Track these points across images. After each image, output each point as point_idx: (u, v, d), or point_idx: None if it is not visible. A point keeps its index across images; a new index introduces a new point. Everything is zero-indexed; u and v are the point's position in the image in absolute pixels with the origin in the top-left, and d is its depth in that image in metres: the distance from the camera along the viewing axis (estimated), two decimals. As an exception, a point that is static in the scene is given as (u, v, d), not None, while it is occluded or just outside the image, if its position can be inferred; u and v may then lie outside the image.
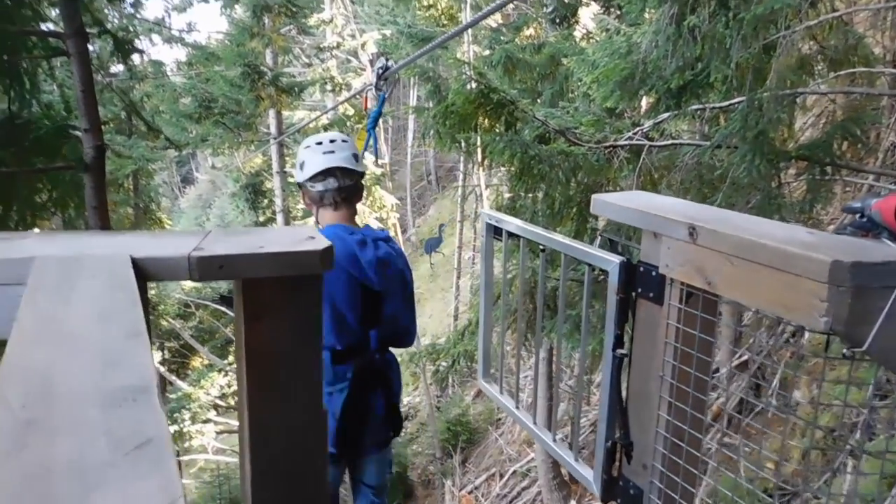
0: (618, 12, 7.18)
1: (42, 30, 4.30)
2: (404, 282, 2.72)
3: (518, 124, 4.90)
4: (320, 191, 2.62)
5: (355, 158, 2.68)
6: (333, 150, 2.62)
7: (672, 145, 4.55)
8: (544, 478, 8.78)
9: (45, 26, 4.46)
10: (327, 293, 2.38)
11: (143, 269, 1.05)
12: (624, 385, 1.70)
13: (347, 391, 2.59)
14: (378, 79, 3.17)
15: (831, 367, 4.16)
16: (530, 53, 8.39)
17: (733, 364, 5.72)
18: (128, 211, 12.71)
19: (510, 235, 2.12)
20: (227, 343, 16.50)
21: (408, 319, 2.79)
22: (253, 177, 16.06)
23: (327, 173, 2.60)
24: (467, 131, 4.90)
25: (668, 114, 4.58)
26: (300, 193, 2.80)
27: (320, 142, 2.66)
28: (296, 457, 1.23)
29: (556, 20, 8.80)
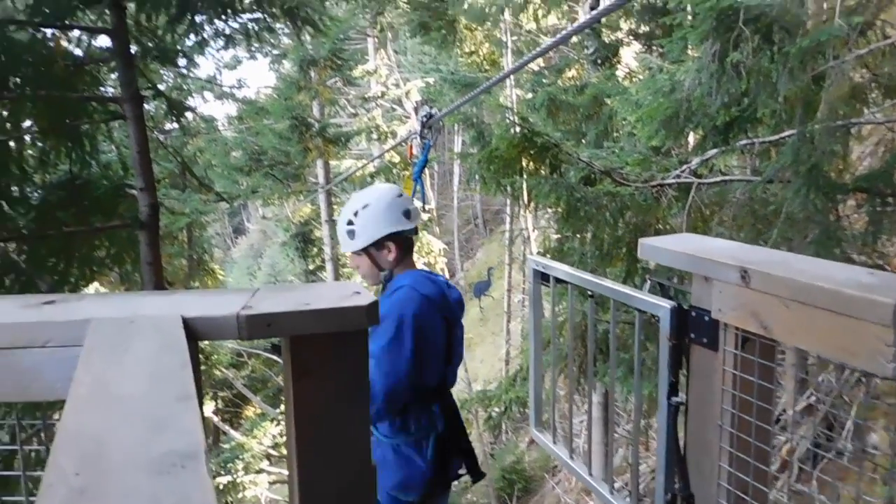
0: (660, 50, 7.19)
1: (101, 95, 4.52)
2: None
3: (563, 166, 4.90)
4: (405, 235, 2.65)
5: None
6: (401, 193, 2.71)
7: (722, 181, 4.48)
8: (605, 528, 8.48)
9: (103, 90, 4.69)
10: (422, 332, 2.43)
11: (193, 328, 1.07)
12: (682, 434, 1.64)
13: (443, 428, 2.62)
14: (422, 127, 3.19)
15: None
16: (573, 95, 8.44)
17: (799, 408, 5.47)
18: (182, 263, 13.06)
19: (557, 281, 2.10)
20: (278, 392, 16.60)
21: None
22: (302, 226, 16.38)
23: (408, 215, 2.65)
24: (512, 175, 4.92)
25: (715, 150, 4.52)
26: (358, 257, 2.66)
27: (387, 198, 2.67)
28: (345, 515, 1.22)
29: (598, 61, 8.85)
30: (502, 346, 16.18)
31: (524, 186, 4.94)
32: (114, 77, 5.10)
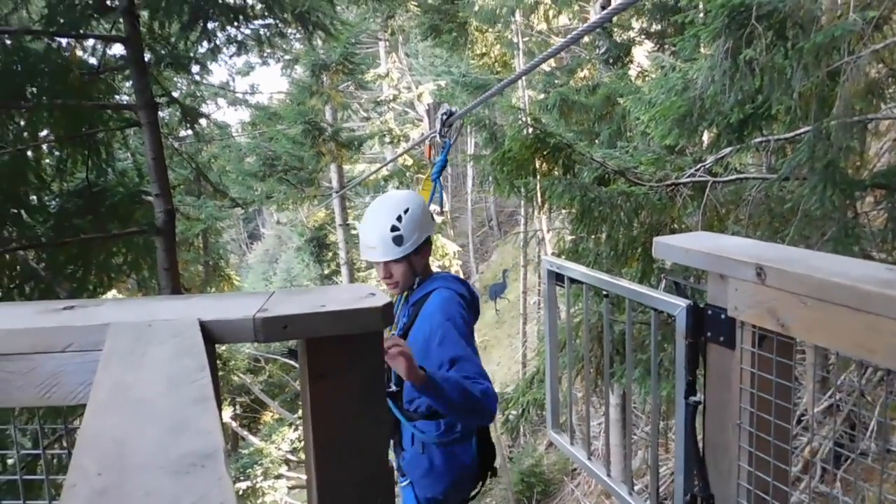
0: (672, 49, 7.15)
1: (116, 103, 4.58)
2: None
3: (576, 167, 4.88)
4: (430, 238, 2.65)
5: None
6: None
7: (737, 180, 4.44)
8: (623, 530, 8.42)
9: (118, 98, 4.75)
10: (468, 328, 2.44)
11: (210, 331, 1.08)
12: (700, 434, 1.63)
13: (482, 429, 2.64)
14: (442, 125, 3.08)
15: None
16: (585, 95, 8.42)
17: (820, 408, 5.41)
18: (198, 269, 13.16)
19: (573, 281, 2.10)
20: (296, 397, 16.67)
21: None
22: (317, 230, 16.48)
23: (432, 217, 2.67)
24: (525, 177, 4.91)
25: (730, 148, 4.48)
26: (395, 264, 2.55)
27: (420, 201, 2.66)
28: (363, 517, 1.22)
29: (610, 60, 8.83)
30: (518, 349, 16.14)
31: (538, 187, 4.92)
32: (128, 85, 5.17)
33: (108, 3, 4.24)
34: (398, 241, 2.46)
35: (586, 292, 2.07)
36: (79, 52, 4.44)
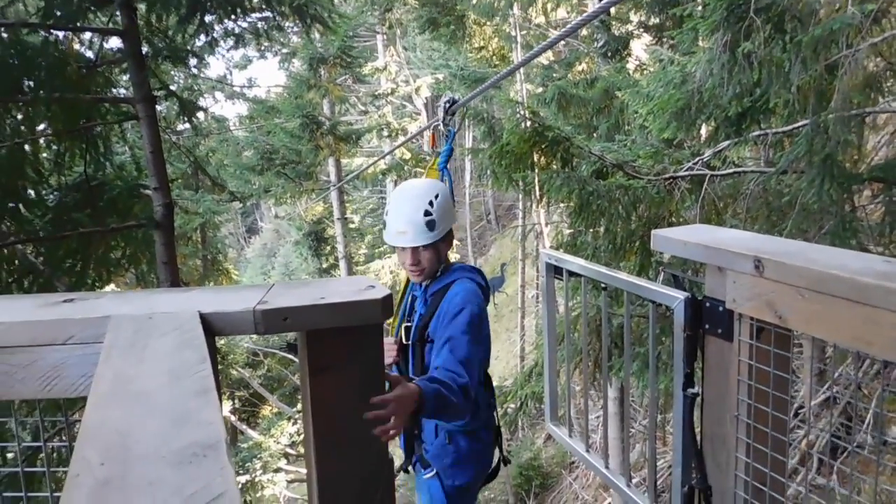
0: (670, 42, 7.15)
1: (114, 96, 4.56)
2: None
3: (574, 160, 4.88)
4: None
5: None
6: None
7: (735, 173, 4.44)
8: (622, 522, 8.46)
9: (115, 92, 4.73)
10: (487, 318, 2.52)
11: (211, 324, 1.08)
12: (698, 426, 1.63)
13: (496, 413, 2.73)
14: (445, 113, 3.01)
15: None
16: (583, 88, 8.41)
17: (818, 400, 5.43)
18: (196, 263, 13.15)
19: (571, 274, 2.10)
20: (295, 391, 16.71)
21: None
22: (315, 224, 16.46)
23: None
24: (523, 170, 4.91)
25: (728, 142, 4.48)
26: (424, 251, 2.50)
27: (446, 189, 2.67)
28: (364, 508, 1.23)
29: (608, 53, 8.81)
30: (517, 343, 16.16)
31: (536, 181, 4.93)
32: (126, 78, 5.14)
33: (106, -5, 4.23)
34: (431, 225, 2.43)
35: (585, 286, 2.08)
36: (76, 46, 4.42)
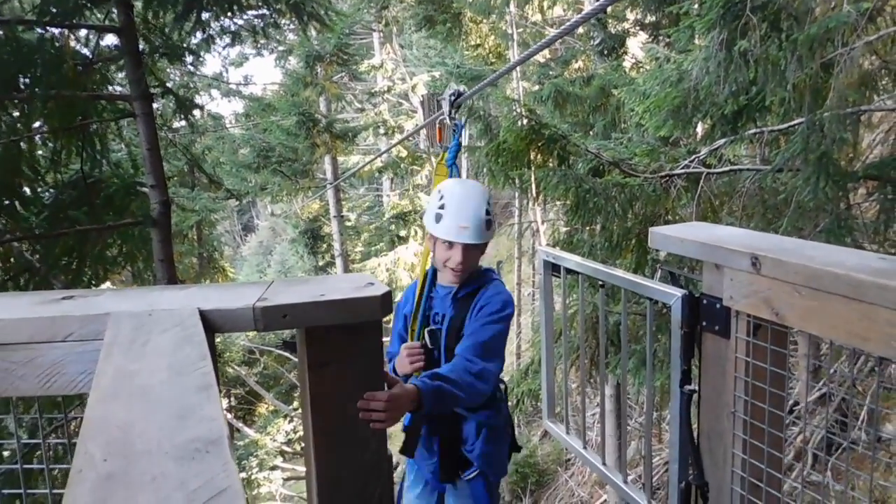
0: (666, 40, 7.15)
1: (110, 93, 4.55)
2: None
3: (571, 158, 4.89)
4: None
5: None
6: None
7: (731, 171, 4.45)
8: (618, 520, 8.48)
9: (112, 89, 4.71)
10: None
11: (210, 321, 1.08)
12: (695, 422, 1.64)
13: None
14: (451, 107, 2.86)
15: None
16: (580, 86, 8.42)
17: (813, 398, 5.45)
18: (192, 261, 13.11)
19: (568, 271, 2.11)
20: (291, 388, 16.70)
21: None
22: (311, 222, 16.43)
23: None
24: (520, 168, 4.91)
25: (724, 140, 4.49)
26: (475, 249, 2.50)
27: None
28: (364, 502, 1.23)
29: (605, 51, 8.81)
30: (513, 340, 16.16)
31: (532, 179, 4.93)
32: (122, 75, 5.13)
33: (102, -8, 4.22)
34: (488, 225, 2.42)
35: (582, 283, 2.09)
36: (72, 43, 4.40)
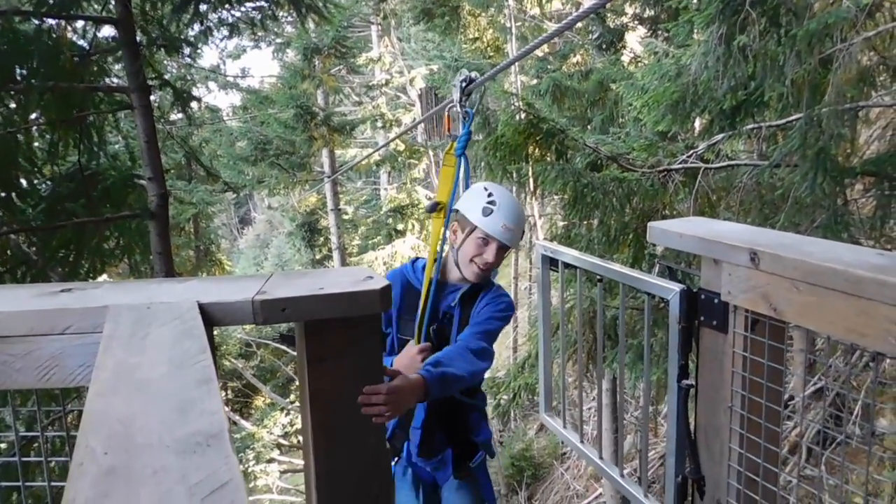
0: (665, 35, 7.14)
1: (108, 85, 4.53)
2: None
3: (569, 152, 4.89)
4: None
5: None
6: None
7: (729, 166, 4.46)
8: (613, 513, 8.52)
9: (109, 81, 4.68)
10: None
11: (209, 314, 1.08)
12: (692, 417, 1.65)
13: None
14: (461, 94, 2.70)
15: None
16: (578, 80, 8.41)
17: (808, 392, 5.48)
18: (189, 254, 13.09)
19: (566, 266, 2.11)
20: (288, 381, 16.71)
21: None
22: (308, 215, 16.41)
23: None
24: (518, 162, 4.91)
25: (722, 135, 4.50)
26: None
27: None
28: (362, 498, 1.23)
29: (603, 46, 8.80)
30: (510, 334, 16.18)
31: (530, 173, 4.93)
32: (119, 67, 5.11)
33: (99, -17, 4.20)
34: (523, 234, 2.56)
35: (580, 277, 2.09)
36: (69, 34, 4.37)
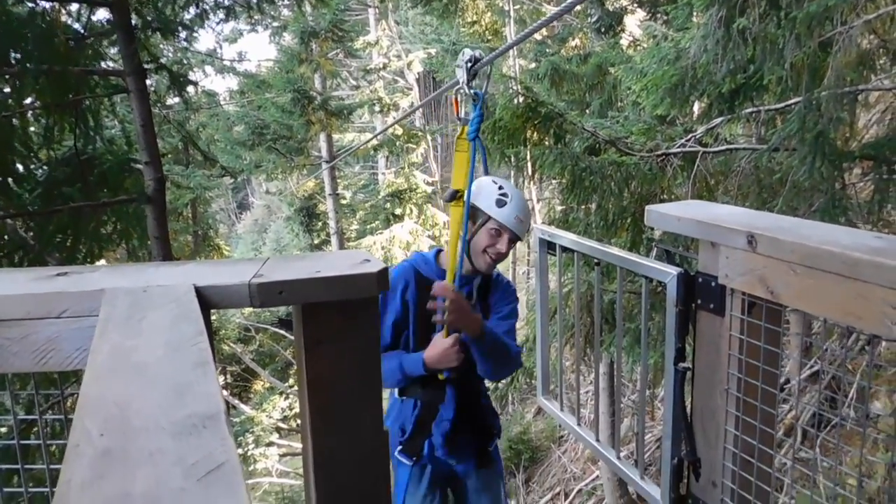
0: (664, 18, 7.10)
1: (103, 69, 4.49)
2: None
3: (567, 136, 4.87)
4: None
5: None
6: None
7: (727, 150, 4.45)
8: (611, 497, 8.58)
9: (105, 65, 4.65)
10: None
11: (206, 297, 1.08)
12: (688, 399, 1.66)
13: None
14: (468, 74, 2.48)
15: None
16: (577, 64, 8.37)
17: (804, 375, 5.51)
18: (187, 239, 13.07)
19: (564, 249, 2.11)
20: (287, 366, 16.76)
21: None
22: (306, 200, 16.37)
23: None
24: (516, 146, 4.90)
25: (721, 118, 4.48)
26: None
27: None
28: (360, 482, 1.24)
29: (602, 29, 8.75)
30: (507, 318, 16.20)
31: (528, 157, 4.92)
32: (114, 51, 5.06)
33: (93, -35, 4.15)
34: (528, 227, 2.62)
35: (577, 261, 2.09)
36: (63, 17, 4.33)
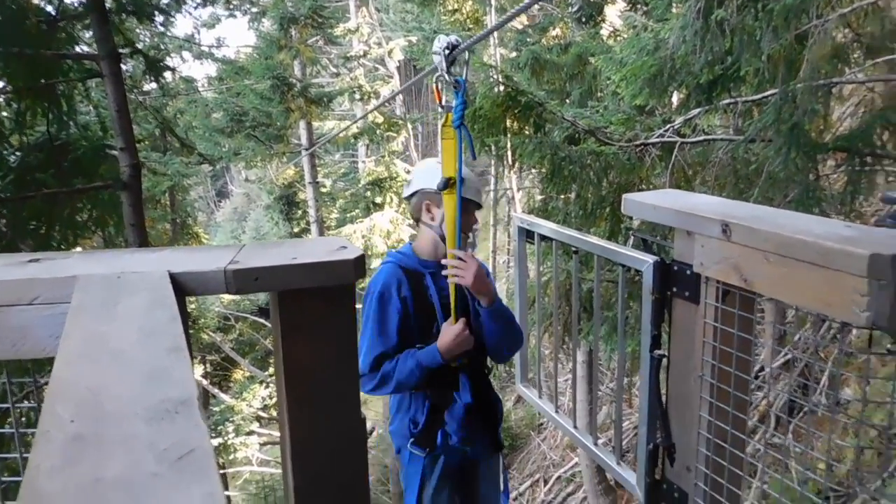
0: (644, 8, 7.12)
1: (76, 52, 4.41)
2: None
3: (547, 126, 4.88)
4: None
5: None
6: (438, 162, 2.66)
7: (705, 141, 4.48)
8: (589, 483, 8.68)
9: (78, 48, 4.56)
10: None
11: (181, 283, 1.07)
12: (664, 386, 1.68)
13: None
14: (446, 61, 2.40)
15: (882, 364, 4.05)
16: (557, 54, 8.37)
17: (777, 363, 5.60)
18: (165, 227, 12.93)
19: (543, 238, 2.12)
20: (267, 355, 16.68)
21: None
22: (286, 188, 16.24)
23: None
24: (496, 135, 4.89)
25: (699, 109, 4.52)
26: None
27: None
28: (338, 469, 1.24)
29: (583, 19, 8.76)
30: (487, 308, 16.25)
31: (508, 146, 4.92)
32: (88, 35, 4.97)
33: (65, -53, 4.07)
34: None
35: (556, 250, 2.10)
36: (35, 0, 4.25)
